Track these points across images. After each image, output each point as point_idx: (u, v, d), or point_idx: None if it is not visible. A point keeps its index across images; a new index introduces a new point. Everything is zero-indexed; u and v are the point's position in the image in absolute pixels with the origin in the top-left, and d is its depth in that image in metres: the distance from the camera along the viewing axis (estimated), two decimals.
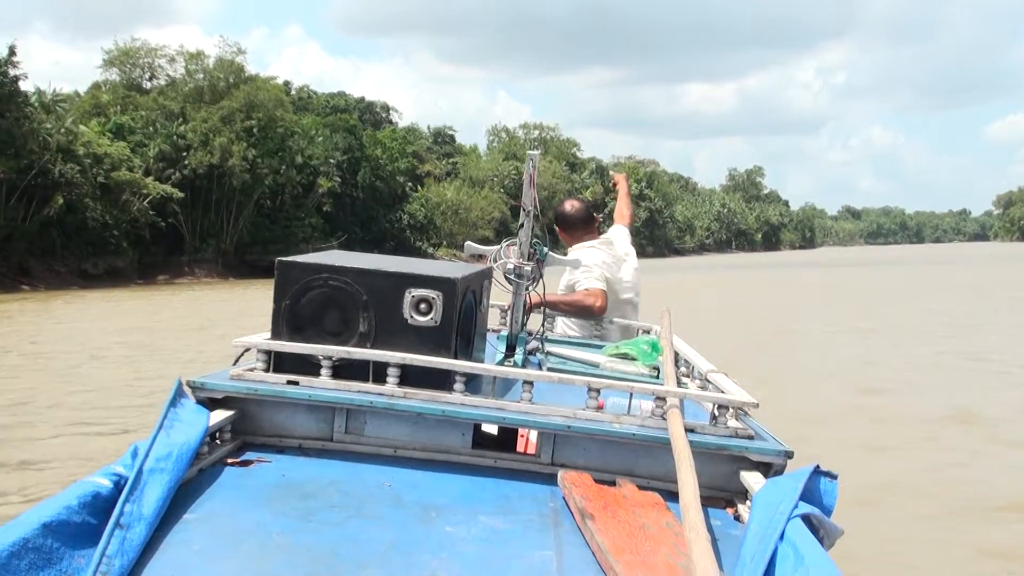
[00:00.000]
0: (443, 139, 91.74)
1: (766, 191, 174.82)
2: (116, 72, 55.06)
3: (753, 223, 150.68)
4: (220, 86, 52.99)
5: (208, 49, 55.06)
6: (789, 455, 2.21)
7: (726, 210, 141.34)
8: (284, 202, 55.03)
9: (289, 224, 54.45)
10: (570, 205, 4.86)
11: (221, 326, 21.62)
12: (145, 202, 46.37)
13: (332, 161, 57.17)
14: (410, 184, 69.38)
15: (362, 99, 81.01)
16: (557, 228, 4.84)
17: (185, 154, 50.07)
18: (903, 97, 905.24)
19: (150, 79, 55.50)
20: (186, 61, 54.04)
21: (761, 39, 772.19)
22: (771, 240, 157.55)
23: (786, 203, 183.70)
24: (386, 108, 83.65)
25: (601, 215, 4.95)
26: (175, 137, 50.27)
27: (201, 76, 53.77)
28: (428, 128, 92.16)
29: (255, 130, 51.67)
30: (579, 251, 4.59)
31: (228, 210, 52.37)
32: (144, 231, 47.11)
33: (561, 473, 2.22)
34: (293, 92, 70.15)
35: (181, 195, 48.21)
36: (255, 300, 31.65)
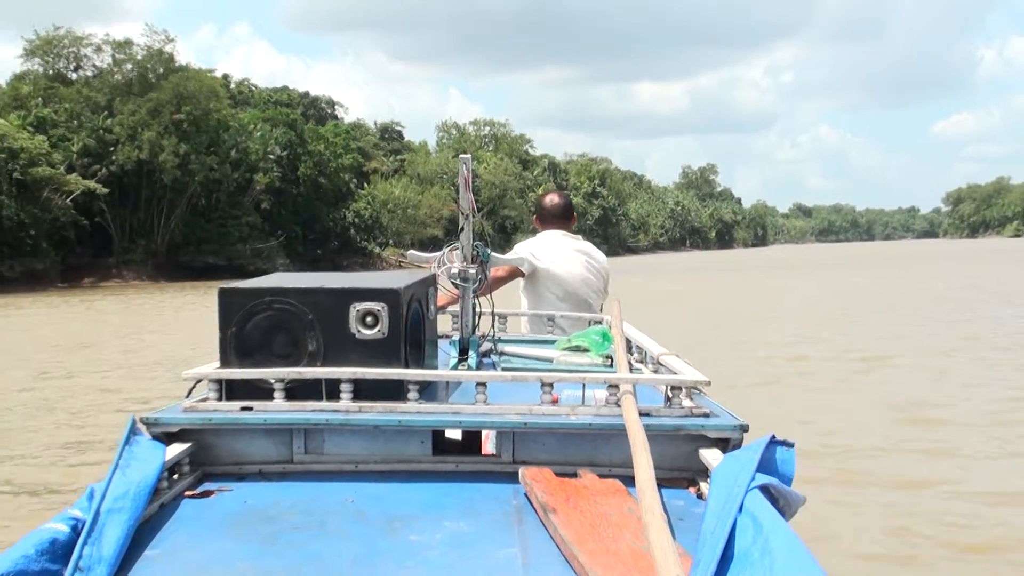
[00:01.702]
0: (391, 135, 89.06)
1: (719, 189, 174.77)
2: (39, 62, 51.74)
3: (707, 221, 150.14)
4: (149, 77, 50.04)
5: (137, 38, 51.52)
6: (745, 428, 2.24)
7: (680, 208, 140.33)
8: (219, 200, 52.16)
9: (225, 223, 51.58)
10: (549, 198, 4.91)
11: (145, 343, 19.13)
12: (68, 200, 43.56)
13: (271, 156, 54.43)
14: (355, 181, 66.76)
15: (306, 94, 78.38)
16: (535, 217, 4.93)
17: (112, 149, 47.22)
18: (851, 96, 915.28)
19: (75, 69, 52.35)
20: (113, 50, 50.89)
21: (712, 38, 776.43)
22: (724, 238, 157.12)
23: (739, 201, 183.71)
24: (331, 103, 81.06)
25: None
26: (101, 131, 47.43)
27: (129, 67, 50.71)
28: (375, 124, 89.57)
29: (185, 124, 48.72)
30: (525, 243, 4.73)
31: (159, 208, 49.56)
32: (68, 231, 44.47)
33: (522, 470, 2.22)
34: (232, 86, 67.46)
35: (106, 191, 45.37)
36: (189, 308, 29.10)
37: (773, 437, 1.85)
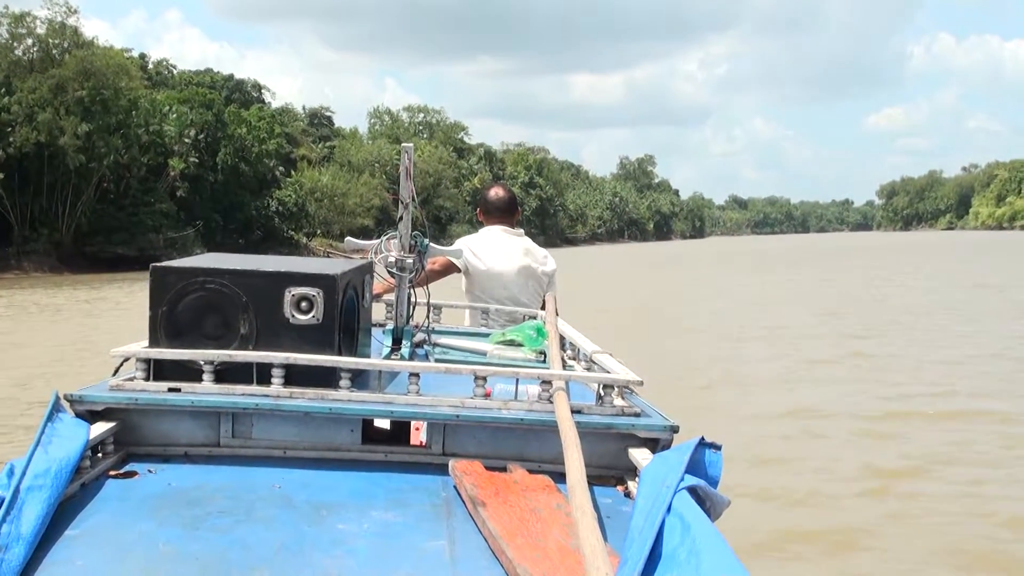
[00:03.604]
0: (320, 121, 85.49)
1: (657, 180, 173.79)
2: None
3: (645, 212, 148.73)
4: (53, 53, 46.20)
5: (37, 11, 47.33)
6: (675, 429, 2.25)
7: (618, 199, 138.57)
8: (130, 186, 48.49)
9: (136, 211, 47.82)
10: (494, 192, 4.86)
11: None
12: None
13: (187, 140, 50.92)
14: (281, 168, 63.35)
15: (231, 76, 74.62)
16: (478, 210, 4.94)
17: (9, 130, 43.39)
18: (784, 89, 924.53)
19: None
20: (9, 24, 46.86)
21: (648, 31, 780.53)
22: (663, 230, 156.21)
23: (676, 192, 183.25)
24: (258, 87, 77.06)
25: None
26: None
27: (30, 42, 46.75)
28: (304, 109, 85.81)
29: (87, 101, 44.87)
30: (466, 239, 4.73)
31: (63, 195, 45.77)
32: None
33: (452, 462, 2.21)
34: (151, 66, 63.72)
35: (0, 176, 41.64)
36: (73, 309, 26.05)
37: (702, 439, 1.85)
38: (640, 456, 2.16)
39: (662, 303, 24.66)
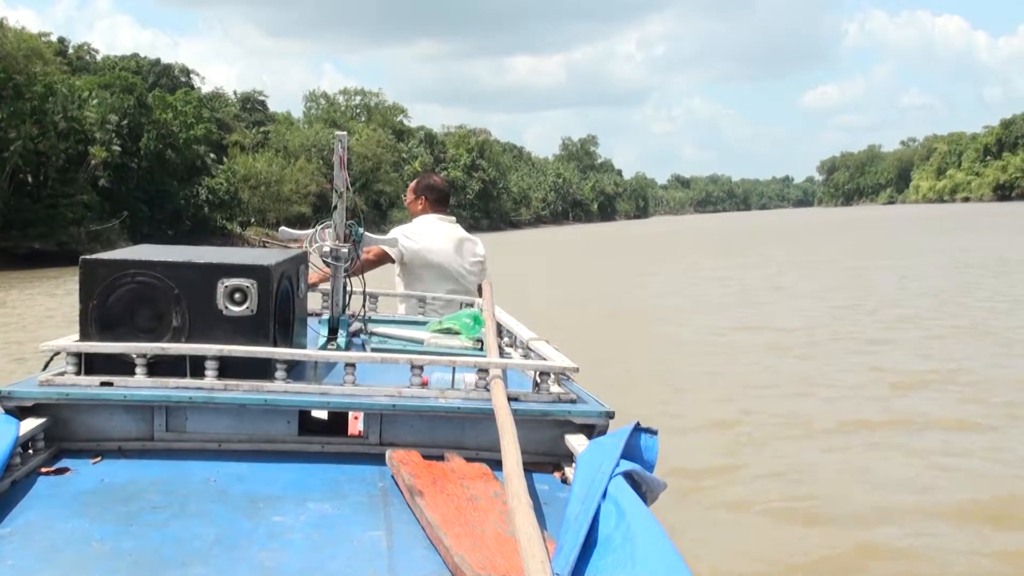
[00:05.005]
0: (253, 106, 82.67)
1: (600, 160, 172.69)
2: None
3: (589, 193, 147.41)
4: None
5: None
6: (610, 415, 2.25)
7: (561, 180, 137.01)
8: (48, 176, 45.79)
9: (55, 202, 45.03)
10: (429, 181, 4.95)
11: None
12: None
13: (109, 127, 48.23)
14: (212, 155, 60.74)
15: (157, 61, 71.83)
16: (418, 198, 4.92)
17: None
18: (722, 68, 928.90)
19: None
20: None
21: (587, 11, 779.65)
22: (607, 210, 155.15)
23: (619, 172, 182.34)
24: (186, 71, 74.34)
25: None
26: None
27: None
28: (235, 94, 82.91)
29: None
30: (401, 228, 4.76)
31: None
32: None
33: (389, 452, 2.20)
34: (71, 51, 60.78)
35: None
36: None
37: (638, 424, 1.85)
38: (576, 442, 2.16)
39: (618, 294, 23.24)
